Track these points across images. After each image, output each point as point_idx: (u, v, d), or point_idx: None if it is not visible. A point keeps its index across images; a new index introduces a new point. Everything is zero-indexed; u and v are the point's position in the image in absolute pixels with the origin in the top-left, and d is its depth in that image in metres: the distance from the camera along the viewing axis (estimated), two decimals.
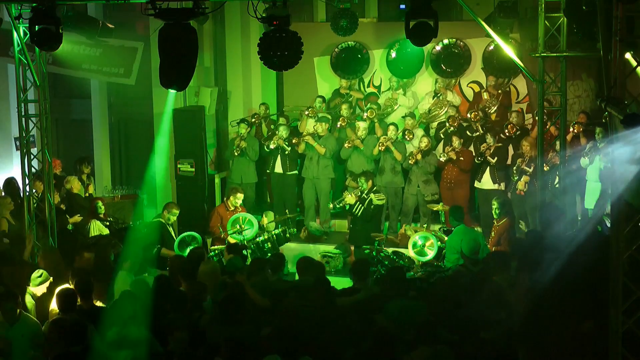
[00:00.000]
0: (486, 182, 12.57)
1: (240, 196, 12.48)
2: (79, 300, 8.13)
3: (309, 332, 7.22)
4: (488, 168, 12.49)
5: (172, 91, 8.91)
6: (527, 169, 11.96)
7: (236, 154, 13.67)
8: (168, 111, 13.82)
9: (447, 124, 13.25)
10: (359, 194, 12.18)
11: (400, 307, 7.78)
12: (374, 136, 13.44)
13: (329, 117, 13.91)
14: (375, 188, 12.27)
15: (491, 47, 13.78)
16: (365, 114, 13.66)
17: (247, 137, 13.79)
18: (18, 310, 7.86)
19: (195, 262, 9.40)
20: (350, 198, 12.21)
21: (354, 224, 12.45)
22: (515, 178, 12.09)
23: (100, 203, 12.66)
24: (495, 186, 12.47)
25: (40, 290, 8.68)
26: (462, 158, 12.75)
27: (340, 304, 8.04)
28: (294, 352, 6.76)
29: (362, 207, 12.11)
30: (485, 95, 13.80)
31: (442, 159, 12.81)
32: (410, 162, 12.83)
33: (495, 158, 12.39)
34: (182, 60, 8.40)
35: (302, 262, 9.07)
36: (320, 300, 7.91)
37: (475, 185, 12.80)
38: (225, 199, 12.88)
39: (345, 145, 13.25)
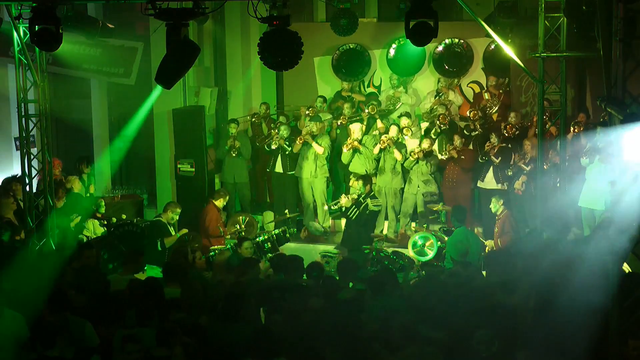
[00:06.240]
0: (489, 181, 12.52)
1: (226, 198, 12.58)
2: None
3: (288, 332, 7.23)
4: (491, 168, 12.44)
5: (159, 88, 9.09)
6: (525, 167, 11.95)
7: (233, 154, 13.64)
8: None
9: (437, 122, 13.23)
10: (356, 197, 11.98)
11: (381, 306, 7.78)
12: (372, 133, 13.37)
13: (321, 117, 13.86)
14: (372, 193, 12.06)
15: (492, 47, 13.77)
16: (366, 110, 13.57)
17: (238, 136, 13.76)
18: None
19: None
20: (346, 201, 12.02)
21: (347, 227, 12.22)
22: (510, 173, 12.10)
23: (102, 202, 12.65)
24: (499, 186, 12.40)
25: None
26: (463, 157, 12.73)
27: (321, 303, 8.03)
28: (270, 353, 6.70)
29: (358, 211, 11.89)
30: (486, 96, 13.78)
31: (444, 157, 12.78)
32: (411, 158, 12.74)
33: (499, 158, 12.37)
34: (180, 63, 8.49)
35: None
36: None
37: (478, 184, 12.76)
38: (211, 199, 12.65)
39: (344, 149, 13.14)
